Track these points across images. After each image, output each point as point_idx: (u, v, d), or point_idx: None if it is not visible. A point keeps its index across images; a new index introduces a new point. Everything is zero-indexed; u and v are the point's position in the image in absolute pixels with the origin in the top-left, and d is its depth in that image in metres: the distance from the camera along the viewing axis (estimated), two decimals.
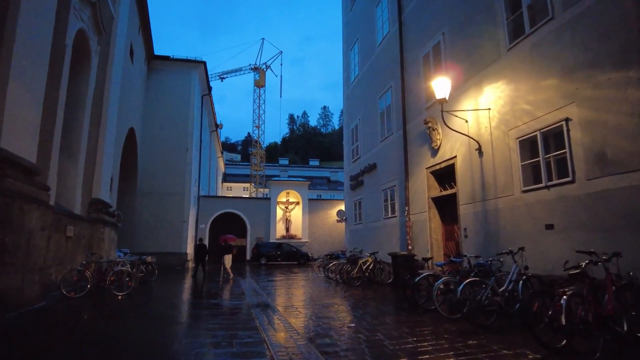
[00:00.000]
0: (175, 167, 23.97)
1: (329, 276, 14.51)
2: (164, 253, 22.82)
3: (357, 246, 16.46)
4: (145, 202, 23.24)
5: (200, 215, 27.28)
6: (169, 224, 23.24)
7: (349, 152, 18.82)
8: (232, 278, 15.55)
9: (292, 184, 30.80)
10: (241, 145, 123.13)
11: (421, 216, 11.57)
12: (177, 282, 14.51)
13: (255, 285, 12.93)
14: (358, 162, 17.37)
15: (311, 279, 15.32)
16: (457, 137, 9.84)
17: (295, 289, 11.85)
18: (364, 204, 16.53)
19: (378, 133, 15.16)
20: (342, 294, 10.38)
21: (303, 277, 16.38)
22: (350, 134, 18.63)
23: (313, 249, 28.90)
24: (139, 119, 22.41)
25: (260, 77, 47.32)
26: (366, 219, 16.22)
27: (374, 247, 14.42)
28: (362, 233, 16.64)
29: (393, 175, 13.66)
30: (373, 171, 15.46)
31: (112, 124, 14.56)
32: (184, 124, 24.59)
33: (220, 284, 13.49)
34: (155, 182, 23.57)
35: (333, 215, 30.12)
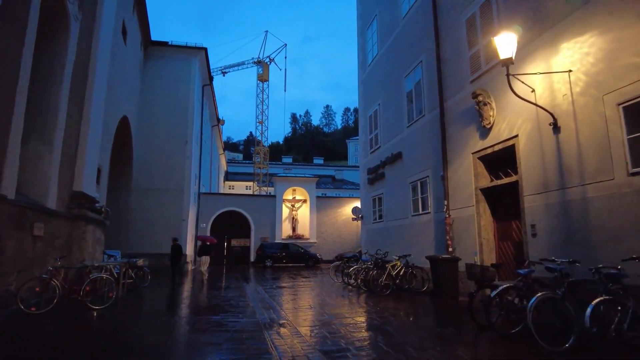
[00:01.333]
0: (174, 162, 22.06)
1: (348, 282, 12.54)
2: (162, 255, 20.84)
3: (375, 247, 14.49)
4: (141, 199, 21.32)
5: (200, 214, 25.35)
6: (167, 223, 21.31)
7: (365, 142, 16.85)
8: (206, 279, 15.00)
9: (299, 180, 28.84)
10: (243, 144, 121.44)
11: (465, 212, 9.60)
12: (173, 288, 12.57)
13: (263, 293, 10.97)
14: (377, 153, 15.41)
15: (326, 284, 13.35)
16: (519, 111, 7.87)
17: (314, 299, 9.87)
18: (385, 200, 14.56)
19: (404, 117, 13.19)
20: (374, 306, 8.41)
21: (316, 282, 14.41)
22: (367, 122, 16.66)
23: (321, 250, 26.94)
24: (134, 108, 20.49)
25: (263, 71, 45.40)
26: (388, 216, 14.25)
27: (398, 249, 12.48)
28: (383, 233, 14.67)
29: (424, 164, 11.69)
30: (397, 162, 13.49)
31: (99, 106, 12.62)
32: (183, 115, 22.67)
33: (221, 290, 11.54)
34: (152, 178, 21.68)
35: (342, 214, 28.17)
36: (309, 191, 27.98)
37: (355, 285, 12.06)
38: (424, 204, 11.76)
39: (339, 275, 14.12)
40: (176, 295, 10.91)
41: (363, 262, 12.54)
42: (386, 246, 13.56)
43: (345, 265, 13.27)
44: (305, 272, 19.73)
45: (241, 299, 9.78)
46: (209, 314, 7.61)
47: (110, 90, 14.55)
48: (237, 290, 11.66)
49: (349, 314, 7.53)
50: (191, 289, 12.50)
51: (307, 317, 7.33)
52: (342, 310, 8.05)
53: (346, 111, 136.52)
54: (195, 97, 23.32)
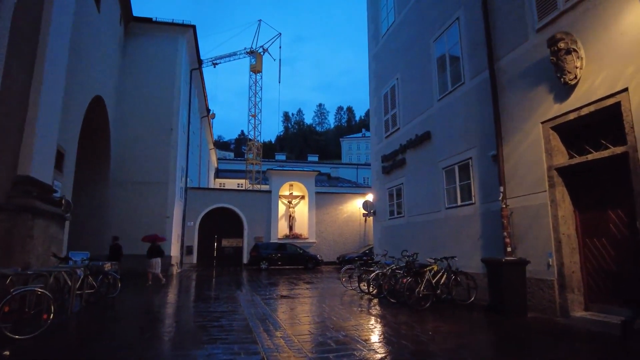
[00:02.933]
0: (158, 152, 19.52)
1: (366, 291, 10.19)
2: (143, 256, 18.33)
3: (391, 248, 12.20)
4: (120, 194, 18.78)
5: (188, 211, 22.80)
6: (150, 221, 18.77)
7: (379, 125, 14.51)
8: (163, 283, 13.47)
9: (296, 174, 26.42)
10: (234, 143, 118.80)
11: (532, 200, 7.30)
12: (149, 299, 10.10)
13: (262, 306, 8.55)
14: (395, 136, 13.09)
15: (337, 293, 10.97)
16: (631, 54, 5.60)
17: (332, 316, 7.46)
18: (406, 191, 12.24)
19: (433, 89, 10.89)
20: (421, 329, 6.05)
21: (324, 289, 12.03)
22: (381, 102, 14.33)
23: (321, 251, 24.55)
24: (112, 90, 17.93)
25: (256, 62, 42.85)
26: (411, 210, 11.93)
27: (426, 250, 10.18)
28: (403, 231, 12.36)
29: (465, 143, 9.39)
30: (424, 144, 11.19)
31: (57, 73, 10.10)
32: (169, 100, 20.15)
33: (209, 302, 9.07)
34: (133, 169, 19.14)
35: (344, 212, 25.83)
36: (308, 186, 25.58)
37: (374, 294, 9.73)
38: (465, 193, 9.45)
39: (351, 280, 11.76)
40: (149, 310, 8.45)
41: (385, 267, 10.18)
42: (409, 247, 11.25)
43: (362, 270, 10.89)
44: (306, 276, 17.33)
45: (235, 316, 7.36)
46: (190, 345, 5.18)
47: (78, 61, 12.20)
48: (229, 302, 9.23)
49: (399, 346, 5.16)
50: (169, 300, 10.04)
51: (332, 348, 4.95)
52: (383, 337, 5.69)
53: (339, 110, 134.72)
54: (182, 81, 20.80)
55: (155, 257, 13.59)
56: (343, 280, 11.99)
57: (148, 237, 14.63)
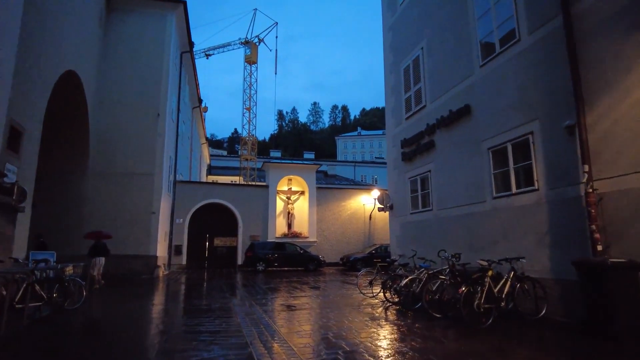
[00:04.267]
0: (143, 139, 17.41)
1: (398, 301, 8.24)
2: (126, 256, 16.29)
3: (413, 247, 10.30)
4: (99, 186, 16.66)
5: (176, 207, 20.68)
6: (133, 217, 16.69)
7: (397, 106, 12.58)
8: (100, 287, 11.49)
9: (296, 167, 24.39)
10: (227, 142, 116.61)
11: (636, 181, 5.40)
12: (122, 311, 8.04)
13: (266, 322, 6.53)
14: (420, 116, 11.17)
15: (359, 303, 8.98)
16: None
17: (373, 347, 5.48)
18: (435, 180, 10.31)
19: (473, 53, 8.97)
20: (504, 358, 4.13)
21: (338, 297, 10.03)
22: (400, 78, 12.40)
23: (323, 251, 22.56)
24: (90, 68, 15.79)
25: (251, 52, 40.73)
26: (442, 202, 9.99)
27: (464, 250, 8.28)
28: (431, 226, 10.42)
29: (520, 116, 7.47)
30: (461, 121, 9.26)
31: (7, 37, 8.09)
32: (156, 83, 18.03)
33: (198, 315, 7.05)
34: (115, 159, 17.01)
35: (347, 208, 23.87)
36: (308, 181, 23.55)
37: (405, 303, 7.79)
38: (522, 177, 7.54)
39: (370, 286, 9.79)
40: (115, 331, 6.39)
41: (420, 270, 8.22)
42: (438, 245, 9.35)
43: (387, 275, 8.92)
44: (309, 279, 15.33)
45: (232, 340, 5.34)
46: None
47: (42, 30, 10.23)
48: (223, 316, 7.21)
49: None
50: (148, 313, 8.00)
51: None
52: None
53: (334, 109, 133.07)
54: (170, 63, 18.70)
55: (99, 256, 11.48)
56: (361, 286, 10.00)
57: (92, 233, 12.55)
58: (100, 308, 8.30)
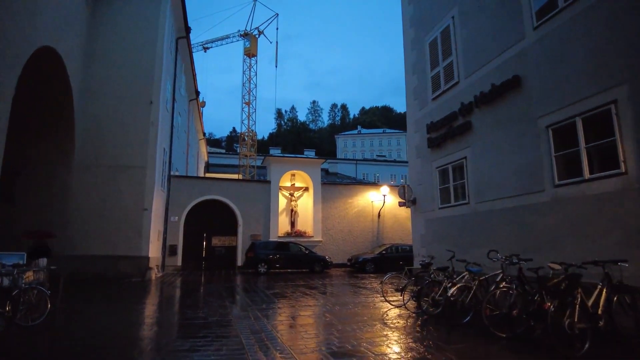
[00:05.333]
0: (135, 128, 15.86)
1: (442, 313, 6.72)
2: (114, 257, 14.79)
3: (441, 246, 8.84)
4: (86, 180, 15.14)
5: (171, 203, 19.11)
6: (123, 214, 15.14)
7: (420, 86, 11.07)
8: None
9: (299, 161, 22.83)
10: (225, 141, 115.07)
11: None
12: (96, 323, 6.47)
13: (280, 347, 5.01)
14: (450, 95, 9.66)
15: (387, 315, 7.47)
16: None
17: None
18: (473, 167, 8.79)
19: (523, 14, 7.45)
20: None
21: (361, 307, 8.49)
22: (424, 55, 10.88)
23: (329, 251, 21.02)
24: (74, 48, 14.26)
25: (251, 45, 39.13)
26: (481, 194, 8.46)
27: (514, 250, 6.75)
28: (467, 223, 8.90)
29: (595, 83, 5.96)
30: (508, 95, 7.75)
31: None
32: (149, 67, 16.47)
33: (191, 333, 5.49)
34: (103, 149, 15.48)
35: (355, 205, 22.33)
36: (313, 176, 22.00)
37: (442, 315, 6.27)
38: (599, 157, 6.04)
39: (400, 293, 8.26)
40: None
41: (462, 275, 6.70)
42: (477, 245, 7.91)
43: (424, 281, 7.39)
44: (317, 283, 13.82)
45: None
46: None
47: None
48: (223, 335, 5.67)
49: None
50: (128, 331, 6.45)
51: None
52: None
53: (333, 108, 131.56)
54: (164, 47, 17.12)
55: (41, 258, 9.90)
56: (387, 293, 8.47)
57: (30, 232, 10.87)
58: (67, 324, 6.73)
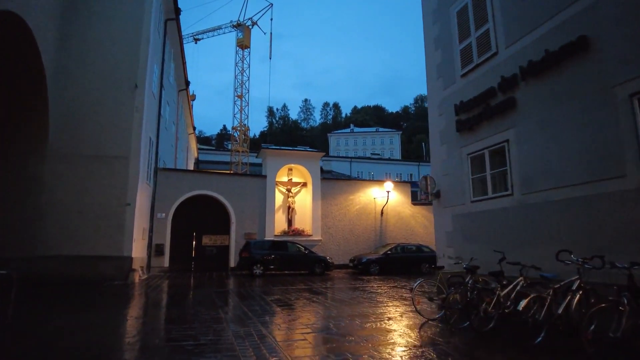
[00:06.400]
0: (117, 115, 14.21)
1: (486, 330, 5.28)
2: (93, 258, 13.16)
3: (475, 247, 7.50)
4: (61, 171, 13.49)
5: (158, 198, 17.45)
6: (103, 209, 13.50)
7: (447, 61, 9.63)
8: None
9: (297, 155, 21.26)
10: (216, 139, 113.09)
11: None
12: (52, 344, 4.89)
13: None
14: (485, 69, 8.26)
15: (433, 333, 6.01)
16: None
17: None
18: (518, 152, 7.35)
19: None
20: None
21: (391, 322, 7.05)
22: (450, 26, 9.46)
23: (329, 251, 19.56)
24: (46, 19, 12.61)
25: (244, 36, 37.46)
26: (530, 182, 7.04)
27: (581, 252, 5.36)
28: (507, 218, 7.49)
29: None
30: (568, 62, 6.35)
31: None
32: (134, 48, 14.81)
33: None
34: (81, 137, 13.84)
35: (357, 202, 20.87)
36: (312, 171, 20.47)
37: (490, 331, 4.84)
38: None
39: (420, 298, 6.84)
40: None
41: (517, 281, 5.27)
42: (523, 244, 6.51)
43: (472, 289, 5.94)
44: (322, 287, 12.35)
45: None
46: None
47: None
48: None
49: None
50: (90, 354, 4.88)
51: None
52: None
53: (325, 106, 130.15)
54: (151, 26, 15.48)
55: None
56: (418, 303, 7.01)
57: None
58: (11, 345, 5.15)
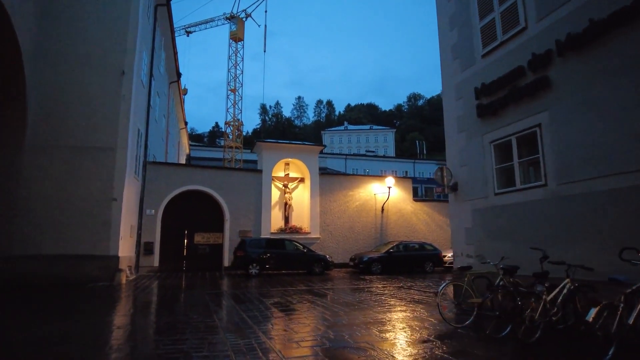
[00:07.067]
0: (102, 103, 13.23)
1: (530, 341, 4.45)
2: (76, 257, 12.20)
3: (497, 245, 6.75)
4: (40, 163, 12.53)
5: (147, 194, 16.43)
6: (87, 205, 12.53)
7: (464, 40, 8.80)
8: None
9: (295, 148, 20.31)
10: (208, 136, 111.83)
11: None
12: None
13: None
14: (511, 47, 7.44)
15: (471, 346, 5.18)
16: None
17: None
18: (552, 137, 6.51)
19: None
20: None
21: (418, 331, 6.20)
22: (469, 1, 8.62)
23: (328, 249, 18.69)
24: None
25: (237, 28, 36.34)
26: (568, 172, 6.21)
27: None
28: (539, 212, 6.67)
29: None
30: (617, 34, 5.54)
31: None
32: (121, 31, 13.82)
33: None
34: (63, 127, 12.89)
35: (356, 199, 20.03)
36: (310, 165, 19.56)
37: (535, 342, 4.01)
38: None
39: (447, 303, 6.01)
40: None
41: (563, 284, 4.44)
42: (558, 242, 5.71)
43: (519, 294, 5.10)
44: (324, 289, 11.49)
45: None
46: None
47: None
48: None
49: None
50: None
51: None
52: None
53: (319, 104, 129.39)
54: (140, 9, 14.43)
55: None
56: (444, 309, 6.15)
57: None
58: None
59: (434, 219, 21.07)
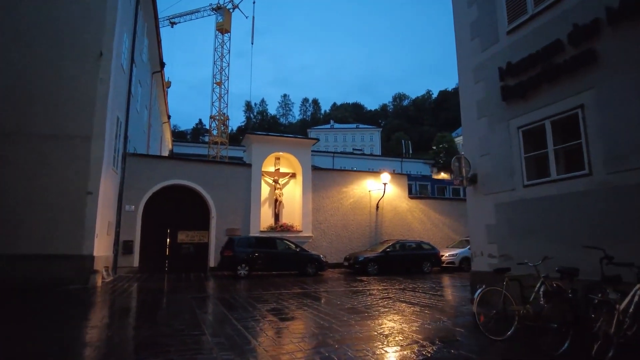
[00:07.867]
0: (77, 87, 11.99)
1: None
2: (46, 257, 10.92)
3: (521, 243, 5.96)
4: (7, 153, 11.31)
5: (126, 188, 15.13)
6: (58, 199, 11.29)
7: (486, 16, 7.92)
8: None
9: (286, 142, 19.23)
10: (191, 134, 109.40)
11: None
12: None
13: None
14: (543, 20, 6.59)
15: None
16: None
17: None
18: (600, 119, 5.67)
19: None
20: None
21: (451, 347, 5.27)
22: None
23: (321, 249, 17.68)
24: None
25: (224, 19, 34.98)
26: (622, 158, 5.38)
27: None
28: (582, 206, 5.84)
29: None
30: None
31: None
32: (98, 10, 12.57)
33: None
34: (32, 114, 11.65)
35: (350, 195, 19.08)
36: (302, 160, 18.52)
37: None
38: None
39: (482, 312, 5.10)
40: None
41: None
42: (606, 239, 4.86)
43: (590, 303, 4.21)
44: (320, 291, 10.52)
45: None
46: None
47: None
48: None
49: None
50: None
51: None
52: None
53: (304, 102, 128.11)
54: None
55: None
56: (481, 319, 5.22)
57: None
58: None
59: (430, 217, 20.29)
